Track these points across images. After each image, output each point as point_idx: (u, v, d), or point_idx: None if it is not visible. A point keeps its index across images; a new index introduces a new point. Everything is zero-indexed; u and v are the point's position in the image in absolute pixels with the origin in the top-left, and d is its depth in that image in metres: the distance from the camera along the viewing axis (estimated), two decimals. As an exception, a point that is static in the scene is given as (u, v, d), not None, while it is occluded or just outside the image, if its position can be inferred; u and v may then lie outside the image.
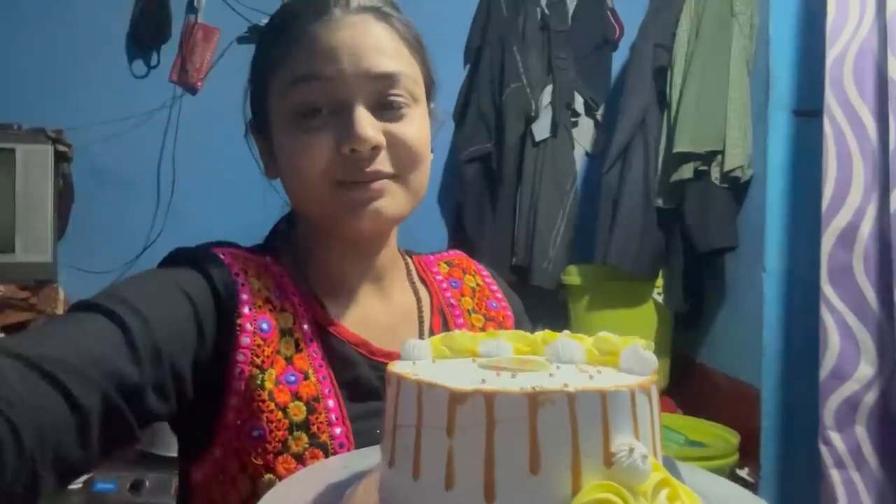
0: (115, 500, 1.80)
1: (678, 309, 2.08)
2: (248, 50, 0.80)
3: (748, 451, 1.76)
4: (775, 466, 1.75)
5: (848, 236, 1.51)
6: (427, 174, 0.76)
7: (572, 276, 2.16)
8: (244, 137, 0.81)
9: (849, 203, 1.50)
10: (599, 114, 2.32)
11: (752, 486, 1.72)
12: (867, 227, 1.48)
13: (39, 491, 0.52)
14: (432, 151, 0.79)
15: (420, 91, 0.75)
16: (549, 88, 2.18)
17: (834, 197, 1.53)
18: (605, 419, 0.42)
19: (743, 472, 1.77)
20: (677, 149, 1.93)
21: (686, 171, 1.94)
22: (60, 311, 2.01)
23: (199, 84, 2.35)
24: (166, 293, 0.66)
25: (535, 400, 0.41)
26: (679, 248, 2.02)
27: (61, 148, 2.05)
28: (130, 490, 1.79)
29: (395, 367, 0.48)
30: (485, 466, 0.41)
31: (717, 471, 0.92)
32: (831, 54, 1.54)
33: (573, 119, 2.27)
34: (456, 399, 0.42)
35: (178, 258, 0.71)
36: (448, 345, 0.53)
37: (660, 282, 2.11)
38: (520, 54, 2.16)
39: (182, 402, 0.65)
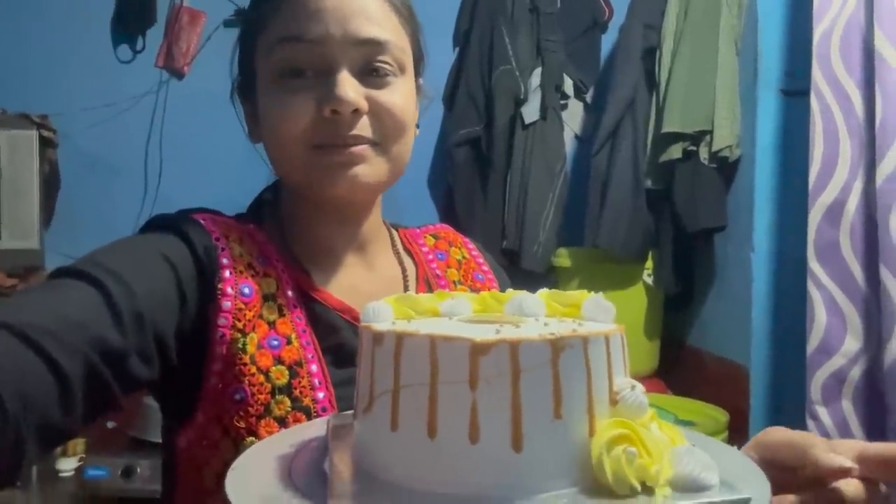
0: (106, 486, 1.80)
1: (668, 290, 2.09)
2: (235, 33, 0.79)
3: (737, 429, 1.78)
4: (764, 442, 1.77)
5: (835, 213, 1.52)
6: (409, 147, 0.75)
7: (562, 258, 2.16)
8: (230, 99, 0.80)
9: (835, 180, 1.52)
10: (589, 96, 2.33)
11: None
12: (853, 203, 1.49)
13: (24, 455, 0.52)
14: (422, 132, 0.78)
15: (408, 61, 0.75)
16: (539, 71, 2.18)
17: (820, 174, 1.54)
18: (608, 361, 0.43)
19: (732, 449, 1.79)
20: (666, 129, 1.93)
21: (675, 152, 1.94)
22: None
23: (186, 69, 2.32)
24: (147, 259, 0.65)
25: (556, 345, 0.41)
26: (669, 230, 2.03)
27: (46, 133, 2.03)
28: (122, 476, 1.79)
29: (381, 327, 0.46)
30: (512, 416, 0.41)
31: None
32: (818, 30, 1.55)
33: (562, 101, 2.27)
34: (479, 350, 0.41)
35: (158, 224, 0.71)
36: (410, 306, 0.52)
37: (650, 263, 2.12)
38: (509, 37, 2.15)
39: (165, 367, 0.65)
